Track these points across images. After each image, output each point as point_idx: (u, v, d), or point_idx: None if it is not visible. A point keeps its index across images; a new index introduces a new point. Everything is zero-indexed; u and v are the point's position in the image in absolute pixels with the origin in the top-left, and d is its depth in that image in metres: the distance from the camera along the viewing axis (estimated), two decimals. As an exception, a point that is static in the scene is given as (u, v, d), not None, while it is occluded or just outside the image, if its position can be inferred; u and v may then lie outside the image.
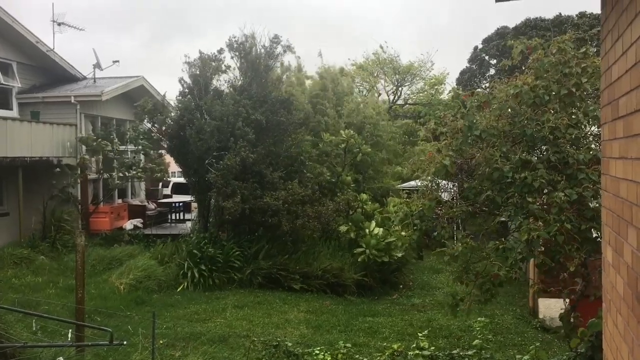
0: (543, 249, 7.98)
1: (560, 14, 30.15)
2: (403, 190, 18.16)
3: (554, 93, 8.07)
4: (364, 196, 16.18)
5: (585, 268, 8.19)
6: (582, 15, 29.32)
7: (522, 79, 8.38)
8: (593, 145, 8.23)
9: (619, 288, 2.95)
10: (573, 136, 7.83)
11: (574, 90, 7.98)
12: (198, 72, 15.56)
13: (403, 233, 9.33)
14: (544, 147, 8.05)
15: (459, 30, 60.02)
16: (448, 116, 9.01)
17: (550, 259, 7.62)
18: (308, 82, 21.69)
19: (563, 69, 8.18)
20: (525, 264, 11.71)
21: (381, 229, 13.91)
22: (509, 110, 8.26)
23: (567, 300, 8.86)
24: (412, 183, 17.63)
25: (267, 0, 65.21)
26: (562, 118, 7.74)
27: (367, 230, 14.14)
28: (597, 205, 7.25)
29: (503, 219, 8.15)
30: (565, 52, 8.38)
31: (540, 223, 7.15)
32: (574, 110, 8.14)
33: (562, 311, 8.40)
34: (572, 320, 8.01)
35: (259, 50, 15.52)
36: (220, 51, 15.73)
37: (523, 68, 9.15)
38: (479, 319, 8.82)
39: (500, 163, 7.64)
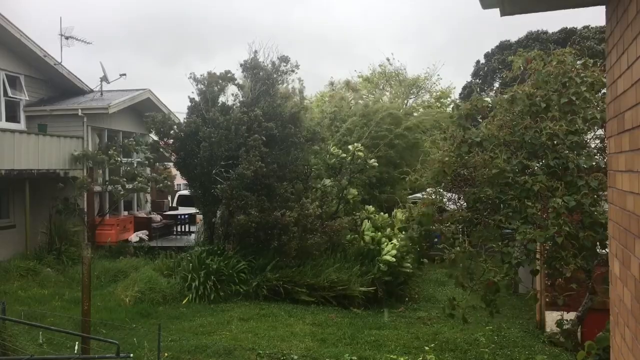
0: (538, 255, 8.00)
1: (566, 27, 30.21)
2: (412, 201, 18.20)
3: (553, 102, 8.13)
4: (371, 208, 16.18)
5: (589, 281, 8.16)
6: (586, 28, 29.37)
7: (519, 87, 8.47)
8: (598, 157, 8.25)
9: (627, 301, 2.94)
10: (573, 142, 7.86)
11: (573, 98, 8.03)
12: (205, 88, 15.68)
13: (401, 236, 9.43)
14: (544, 154, 8.09)
15: (457, 48, 60.50)
16: (450, 127, 9.12)
17: (548, 266, 7.64)
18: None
19: (562, 79, 8.26)
20: (532, 277, 11.67)
21: (398, 242, 14.01)
22: (506, 116, 8.34)
23: (565, 312, 8.85)
24: (419, 195, 17.68)
25: (276, 22, 66.32)
26: (560, 125, 7.78)
27: (383, 239, 14.28)
28: (595, 212, 7.26)
29: (507, 230, 8.17)
30: (564, 63, 8.46)
31: (537, 229, 7.18)
32: (574, 117, 8.18)
33: (566, 324, 8.37)
34: (573, 331, 7.99)
35: (267, 66, 15.68)
36: (228, 72, 15.91)
37: (525, 81, 9.23)
38: (487, 328, 8.78)
39: (502, 164, 7.68)
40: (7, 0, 45.38)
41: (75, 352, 7.25)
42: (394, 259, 13.79)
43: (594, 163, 7.65)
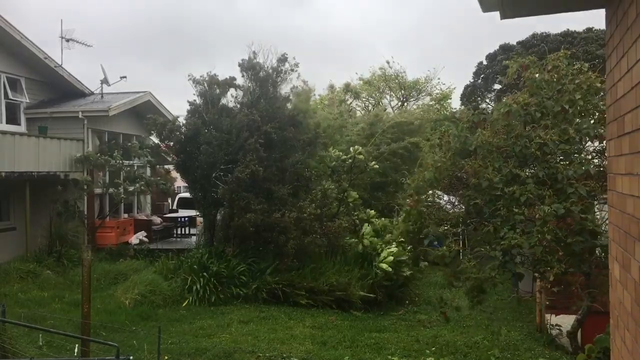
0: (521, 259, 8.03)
1: (567, 29, 30.25)
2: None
3: (545, 110, 8.15)
4: (372, 212, 16.16)
5: (588, 285, 8.17)
6: (589, 31, 29.39)
7: (514, 98, 8.49)
8: (596, 161, 8.26)
9: (627, 304, 2.94)
10: (564, 152, 7.87)
11: (566, 107, 8.05)
12: (205, 90, 15.64)
13: (400, 226, 9.54)
14: (534, 164, 8.12)
15: (457, 52, 60.62)
16: (447, 133, 9.16)
17: (534, 270, 7.67)
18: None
19: (556, 86, 8.27)
20: (533, 281, 11.68)
21: (397, 248, 13.98)
22: (503, 127, 8.37)
23: (562, 315, 8.87)
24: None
25: (278, 29, 66.66)
26: (551, 135, 7.79)
27: (379, 245, 14.24)
28: (586, 220, 7.28)
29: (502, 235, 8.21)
30: (559, 69, 8.47)
31: (524, 234, 7.21)
32: (566, 127, 8.20)
33: (552, 327, 8.40)
34: (574, 334, 8.01)
35: (267, 67, 15.57)
36: (233, 78, 15.82)
37: (519, 85, 9.26)
38: (487, 330, 8.80)
39: (491, 174, 7.71)
40: (7, 2, 45.56)
41: (75, 354, 7.25)
42: (390, 269, 13.73)
43: (588, 168, 7.64)
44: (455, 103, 35.79)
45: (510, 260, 7.46)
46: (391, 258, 13.81)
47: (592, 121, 8.26)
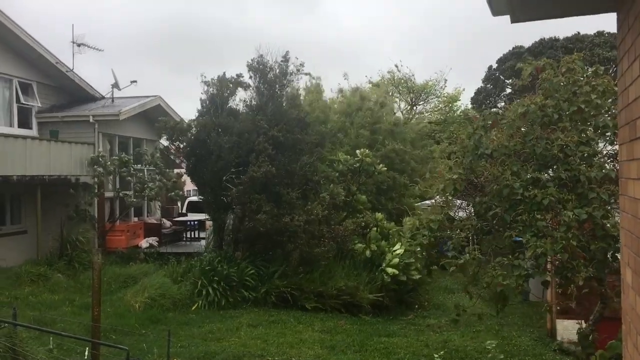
0: (550, 266, 7.94)
1: (578, 32, 30.16)
2: (420, 209, 18.13)
3: (563, 111, 8.09)
4: (379, 215, 16.13)
5: (603, 288, 8.09)
6: (599, 34, 29.27)
7: (531, 99, 8.44)
8: (608, 165, 8.19)
9: (639, 310, 2.91)
10: (585, 154, 7.81)
11: (583, 107, 7.99)
12: (215, 92, 15.67)
13: (408, 242, 9.45)
14: (555, 166, 8.05)
15: (465, 56, 60.58)
16: (460, 136, 9.10)
17: (559, 275, 7.59)
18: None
19: (572, 87, 8.22)
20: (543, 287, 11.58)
21: (403, 249, 13.90)
22: (520, 129, 8.31)
23: (583, 321, 8.77)
24: (428, 202, 17.58)
25: (286, 34, 67.14)
26: (572, 136, 7.73)
27: (387, 249, 14.17)
28: (608, 225, 7.21)
29: (518, 238, 8.12)
30: (574, 71, 8.43)
31: (548, 240, 7.13)
32: (585, 127, 8.14)
33: (581, 330, 8.31)
34: (590, 340, 7.93)
35: (274, 68, 15.50)
36: (240, 75, 15.83)
37: (535, 88, 9.21)
38: (498, 336, 8.71)
39: (510, 180, 7.65)
40: (19, 7, 46.07)
41: (85, 357, 7.28)
42: (396, 271, 13.67)
43: (605, 171, 7.58)
44: (465, 104, 35.74)
45: (537, 268, 7.41)
46: (397, 260, 13.74)
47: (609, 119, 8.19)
